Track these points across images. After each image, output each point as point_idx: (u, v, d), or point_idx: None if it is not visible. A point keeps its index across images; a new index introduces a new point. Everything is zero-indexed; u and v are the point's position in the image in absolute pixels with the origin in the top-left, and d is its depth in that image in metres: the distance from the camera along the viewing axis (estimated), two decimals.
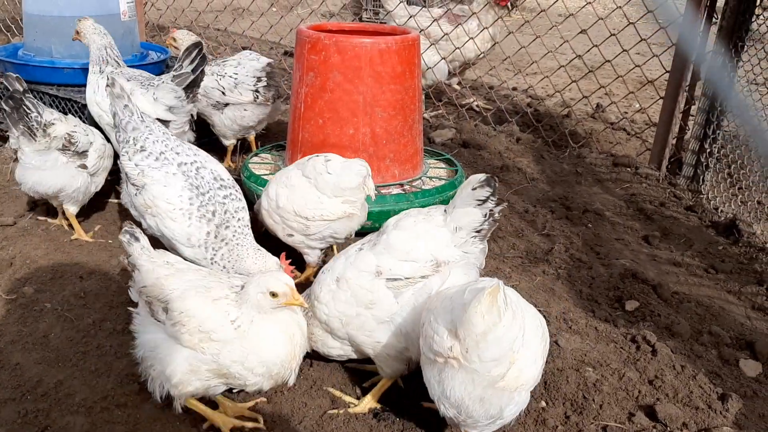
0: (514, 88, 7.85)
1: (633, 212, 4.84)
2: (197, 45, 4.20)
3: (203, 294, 2.55)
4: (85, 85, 4.83)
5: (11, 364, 2.94)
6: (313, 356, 2.98)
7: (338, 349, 2.86)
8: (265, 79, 4.87)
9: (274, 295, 2.49)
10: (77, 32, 4.39)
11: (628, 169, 5.58)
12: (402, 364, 2.77)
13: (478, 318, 2.11)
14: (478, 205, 2.63)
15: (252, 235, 3.35)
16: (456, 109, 6.75)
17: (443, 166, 4.79)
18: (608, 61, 5.69)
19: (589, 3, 5.67)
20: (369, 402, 2.82)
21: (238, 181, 3.75)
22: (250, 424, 2.69)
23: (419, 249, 2.66)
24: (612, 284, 3.82)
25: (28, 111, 3.72)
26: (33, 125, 3.73)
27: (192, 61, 4.16)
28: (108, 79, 3.51)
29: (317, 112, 4.13)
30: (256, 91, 4.85)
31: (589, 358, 3.13)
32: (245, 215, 3.37)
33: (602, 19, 5.56)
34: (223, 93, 4.83)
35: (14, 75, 3.80)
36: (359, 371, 3.03)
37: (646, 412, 2.82)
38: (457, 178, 4.46)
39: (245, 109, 4.90)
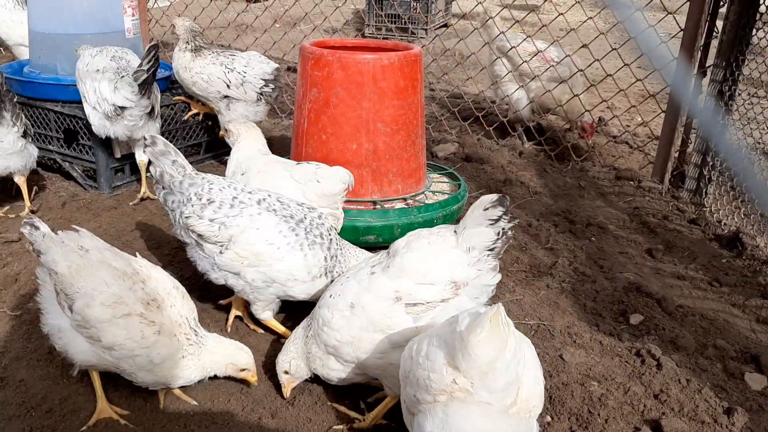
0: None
1: (636, 226, 4.85)
2: (155, 47, 4.36)
3: (111, 306, 2.58)
4: None
5: (16, 381, 2.95)
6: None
7: (340, 372, 2.82)
8: (272, 83, 5.06)
9: (242, 369, 2.90)
10: None
11: (631, 182, 5.59)
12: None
13: (481, 347, 1.99)
14: (491, 224, 2.58)
15: None
16: (459, 122, 6.77)
17: (446, 180, 4.80)
18: (610, 75, 5.72)
19: (590, 18, 5.70)
20: (374, 418, 2.81)
21: None
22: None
23: (436, 271, 2.61)
24: (616, 298, 3.81)
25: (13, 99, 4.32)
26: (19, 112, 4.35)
27: (149, 62, 4.31)
28: (147, 138, 3.25)
29: (320, 127, 4.15)
30: (261, 93, 5.04)
31: (594, 372, 3.13)
32: (333, 227, 3.37)
33: (603, 33, 5.60)
34: (228, 86, 4.99)
35: None
36: (363, 386, 3.02)
37: (651, 427, 2.81)
38: (460, 192, 4.47)
39: (257, 105, 5.15)
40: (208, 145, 5.56)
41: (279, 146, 5.88)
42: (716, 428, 2.82)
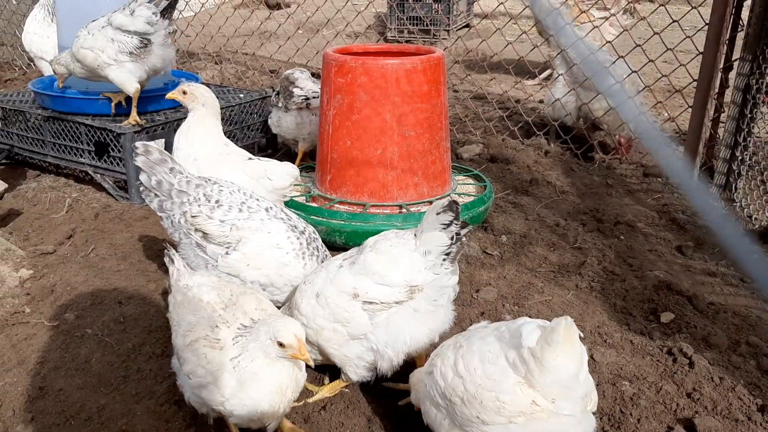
0: (541, 101, 7.84)
1: (665, 223, 4.80)
2: None
3: (184, 334, 2.57)
4: (120, 115, 4.98)
5: (55, 390, 3.02)
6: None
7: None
8: (278, 88, 5.51)
9: (281, 345, 2.41)
10: None
11: (659, 179, 5.54)
12: (369, 372, 2.93)
13: (559, 362, 2.03)
14: (443, 228, 2.69)
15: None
16: (483, 123, 6.76)
17: (472, 182, 4.81)
18: (635, 71, 5.67)
19: (613, 15, 5.66)
20: (325, 392, 3.00)
21: None
22: None
23: (394, 273, 2.74)
24: (646, 296, 3.79)
25: None
26: None
27: None
28: (138, 147, 3.23)
29: (345, 132, 4.19)
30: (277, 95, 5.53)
31: (626, 372, 3.12)
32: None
33: (627, 30, 5.56)
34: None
35: None
36: (394, 391, 3.04)
37: (684, 426, 2.79)
38: (486, 193, 4.47)
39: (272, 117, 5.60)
40: None
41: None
42: (750, 426, 2.79)
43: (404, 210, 4.20)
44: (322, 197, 4.38)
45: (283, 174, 3.92)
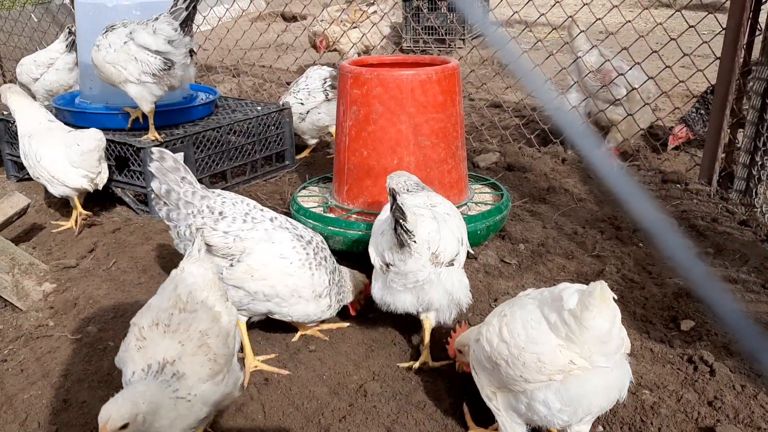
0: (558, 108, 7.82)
1: (685, 229, 4.77)
2: None
3: (140, 327, 2.68)
4: (136, 129, 5.05)
5: (78, 402, 3.06)
6: (368, 388, 3.03)
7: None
8: (330, 80, 5.93)
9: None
10: None
11: (678, 185, 5.51)
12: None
13: (596, 321, 2.23)
14: None
15: None
16: (499, 131, 6.76)
17: (488, 191, 4.81)
18: (651, 77, 5.65)
19: (629, 22, 5.64)
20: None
21: (287, 214, 3.82)
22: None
23: None
24: (666, 304, 3.76)
25: None
26: None
27: (185, 1, 4.51)
28: (154, 153, 3.28)
29: (362, 143, 4.21)
30: (325, 90, 5.90)
31: (646, 381, 3.10)
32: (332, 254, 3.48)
33: (642, 36, 5.54)
34: (302, 103, 5.94)
35: None
36: (412, 401, 3.05)
37: None
38: (502, 202, 4.47)
39: (319, 112, 5.98)
40: (252, 165, 5.67)
41: (321, 164, 5.98)
42: None
43: None
44: (339, 208, 4.41)
45: (88, 138, 4.56)
